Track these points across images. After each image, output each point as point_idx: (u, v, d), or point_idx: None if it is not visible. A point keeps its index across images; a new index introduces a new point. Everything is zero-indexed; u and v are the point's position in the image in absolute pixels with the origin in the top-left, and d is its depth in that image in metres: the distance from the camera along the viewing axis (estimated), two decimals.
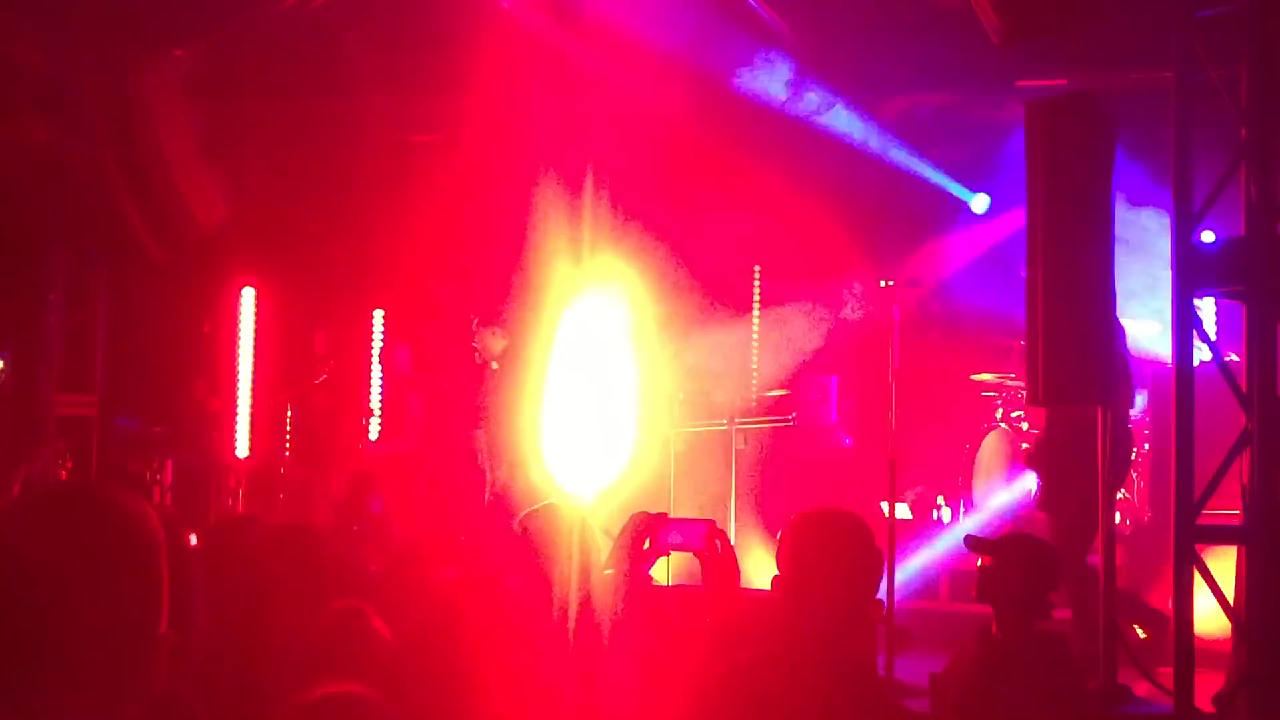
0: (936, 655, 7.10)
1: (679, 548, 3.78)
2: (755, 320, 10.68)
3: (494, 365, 10.19)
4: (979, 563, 5.36)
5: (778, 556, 3.53)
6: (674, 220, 10.86)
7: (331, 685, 2.44)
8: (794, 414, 10.53)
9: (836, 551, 3.51)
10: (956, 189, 11.32)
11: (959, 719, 5.17)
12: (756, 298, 10.75)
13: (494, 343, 10.20)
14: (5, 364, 11.65)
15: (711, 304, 11.11)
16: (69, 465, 10.61)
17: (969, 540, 5.71)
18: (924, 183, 11.31)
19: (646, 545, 3.76)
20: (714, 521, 3.77)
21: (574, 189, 10.30)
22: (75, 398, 11.23)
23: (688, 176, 10.74)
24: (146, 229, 10.42)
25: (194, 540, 4.01)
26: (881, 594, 7.23)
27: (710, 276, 11.25)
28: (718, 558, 3.72)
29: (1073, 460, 7.30)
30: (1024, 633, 5.15)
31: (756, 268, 10.99)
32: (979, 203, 11.31)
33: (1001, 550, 5.45)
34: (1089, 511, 7.06)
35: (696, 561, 3.95)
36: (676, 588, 8.56)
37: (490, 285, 11.18)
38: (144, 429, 11.23)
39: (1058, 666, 5.14)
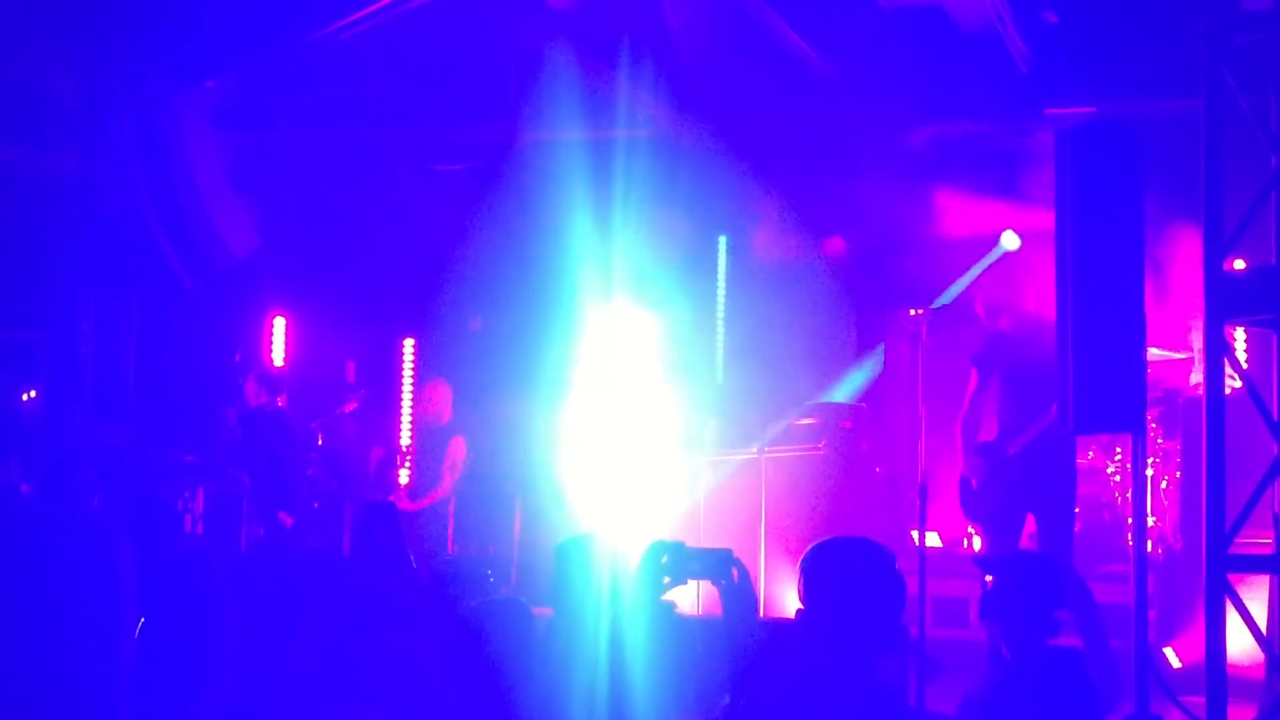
0: (967, 684, 7.06)
1: (697, 576, 3.76)
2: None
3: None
4: (984, 583, 5.34)
5: (799, 588, 3.52)
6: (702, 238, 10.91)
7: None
8: (823, 441, 10.48)
9: (855, 579, 3.49)
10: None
11: None
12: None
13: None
14: (38, 393, 11.73)
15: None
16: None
17: (975, 559, 5.71)
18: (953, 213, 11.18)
19: (666, 580, 3.75)
20: (731, 550, 3.76)
21: (603, 217, 10.33)
22: (107, 427, 11.28)
23: (719, 196, 10.77)
24: (178, 258, 10.52)
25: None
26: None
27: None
28: (734, 586, 3.71)
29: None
30: (1034, 651, 5.12)
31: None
32: (1010, 239, 10.86)
33: (1002, 568, 5.45)
34: None
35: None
36: (702, 617, 8.53)
37: (516, 315, 11.23)
38: (175, 457, 11.28)
39: (1073, 683, 5.11)
